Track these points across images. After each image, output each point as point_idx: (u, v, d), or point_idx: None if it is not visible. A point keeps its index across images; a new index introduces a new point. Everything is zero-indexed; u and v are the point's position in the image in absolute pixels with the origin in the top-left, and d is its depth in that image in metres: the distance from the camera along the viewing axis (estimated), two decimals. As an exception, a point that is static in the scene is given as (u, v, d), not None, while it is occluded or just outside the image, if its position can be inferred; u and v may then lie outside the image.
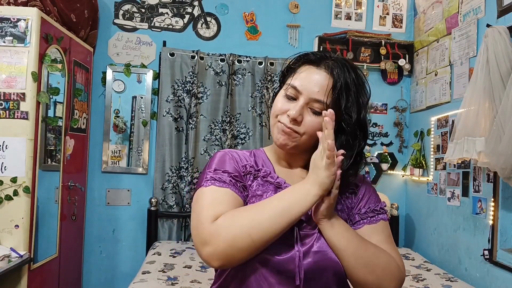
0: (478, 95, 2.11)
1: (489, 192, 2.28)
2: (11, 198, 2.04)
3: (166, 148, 3.01)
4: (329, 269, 0.87)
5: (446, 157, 2.39)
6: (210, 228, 0.81)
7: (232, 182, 0.90)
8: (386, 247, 0.91)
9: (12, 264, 1.92)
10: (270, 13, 3.22)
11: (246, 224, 0.80)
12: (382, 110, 3.32)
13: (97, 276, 3.04)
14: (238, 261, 0.81)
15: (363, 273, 0.86)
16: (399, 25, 3.33)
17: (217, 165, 0.92)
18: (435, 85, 2.89)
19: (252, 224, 0.80)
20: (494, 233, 2.23)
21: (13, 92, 2.07)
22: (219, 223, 0.81)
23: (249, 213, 0.82)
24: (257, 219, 0.80)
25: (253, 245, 0.79)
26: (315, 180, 0.82)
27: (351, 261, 0.86)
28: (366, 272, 0.86)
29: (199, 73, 3.05)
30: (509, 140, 1.90)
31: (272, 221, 0.80)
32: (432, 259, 2.80)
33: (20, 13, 2.10)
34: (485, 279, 2.31)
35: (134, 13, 3.10)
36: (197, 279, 2.21)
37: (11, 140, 2.06)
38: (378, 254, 0.88)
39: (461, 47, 2.59)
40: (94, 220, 3.02)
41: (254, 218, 0.80)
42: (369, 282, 0.86)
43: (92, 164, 3.00)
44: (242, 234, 0.79)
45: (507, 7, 2.21)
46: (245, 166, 0.94)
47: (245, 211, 0.83)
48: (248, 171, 0.94)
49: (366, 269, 0.86)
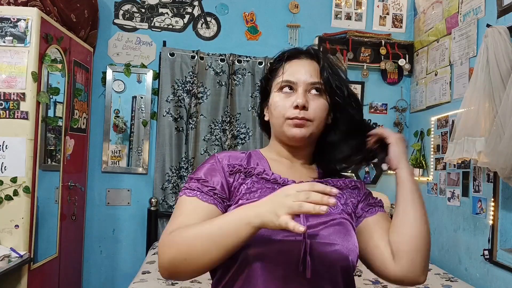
0: (478, 95, 2.11)
1: (489, 192, 2.28)
2: (11, 198, 2.04)
3: (166, 148, 3.01)
4: (336, 262, 0.86)
5: (446, 157, 2.38)
6: (163, 239, 0.83)
7: (216, 195, 0.89)
8: None
9: (12, 264, 1.92)
10: (270, 13, 3.22)
11: (185, 246, 0.79)
12: (382, 110, 3.32)
13: (97, 276, 3.04)
14: (183, 277, 0.84)
15: (422, 224, 0.90)
16: (399, 25, 3.33)
17: (205, 174, 0.92)
18: (435, 85, 2.89)
19: (189, 248, 0.78)
20: (494, 233, 2.23)
21: (13, 92, 2.07)
22: (169, 237, 0.82)
23: (193, 231, 0.80)
24: (194, 243, 0.78)
25: (190, 268, 0.80)
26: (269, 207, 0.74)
27: (418, 210, 0.92)
28: (423, 222, 0.91)
29: (199, 73, 3.05)
30: (509, 140, 1.90)
31: (205, 248, 0.77)
32: (432, 259, 2.80)
33: (20, 13, 2.10)
34: (485, 279, 2.31)
35: (134, 13, 3.10)
36: (197, 279, 2.21)
37: (11, 140, 2.06)
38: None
39: (461, 47, 2.59)
40: (94, 220, 3.02)
41: (192, 241, 0.79)
42: (423, 234, 0.89)
43: (92, 164, 3.00)
44: (179, 256, 0.79)
45: (507, 7, 2.21)
46: (233, 166, 0.94)
47: (192, 228, 0.80)
48: (237, 169, 0.93)
49: (424, 222, 0.91)
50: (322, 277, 0.85)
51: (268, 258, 0.83)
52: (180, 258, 0.79)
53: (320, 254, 0.84)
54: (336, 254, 0.86)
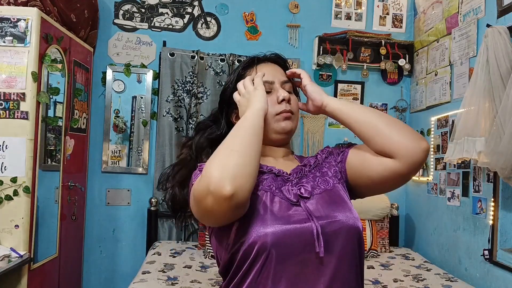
0: (478, 95, 2.11)
1: (489, 192, 2.28)
2: (11, 198, 2.04)
3: (166, 148, 3.01)
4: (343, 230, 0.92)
5: (446, 157, 2.38)
6: (198, 180, 0.86)
7: None
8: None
9: (12, 264, 1.92)
10: (270, 13, 3.22)
11: (223, 148, 0.86)
12: (382, 110, 3.32)
13: (97, 276, 3.04)
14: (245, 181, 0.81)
15: (397, 128, 0.96)
16: (399, 25, 3.33)
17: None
18: (435, 85, 2.89)
19: (229, 144, 0.86)
20: (494, 233, 2.23)
21: (13, 92, 2.07)
22: (203, 170, 0.85)
23: (222, 144, 0.88)
24: (231, 140, 0.88)
25: (237, 155, 0.82)
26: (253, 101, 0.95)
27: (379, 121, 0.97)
28: (398, 127, 0.96)
29: (199, 73, 3.05)
30: (509, 140, 1.90)
31: (243, 134, 0.88)
32: (432, 259, 2.80)
33: (20, 13, 2.10)
34: (485, 279, 2.31)
35: (134, 13, 3.10)
36: (197, 279, 2.21)
37: (11, 140, 2.06)
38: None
39: (461, 47, 2.59)
40: (94, 220, 3.02)
41: (228, 141, 0.87)
42: (407, 135, 0.95)
43: (92, 164, 3.00)
44: (224, 152, 0.84)
45: (507, 7, 2.21)
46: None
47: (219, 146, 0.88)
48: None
49: (397, 125, 0.97)
50: (334, 253, 0.90)
51: (283, 244, 0.87)
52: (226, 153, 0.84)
53: (328, 233, 0.90)
54: (342, 228, 0.92)
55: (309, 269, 0.88)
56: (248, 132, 0.88)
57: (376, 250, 2.80)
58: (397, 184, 1.00)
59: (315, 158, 1.08)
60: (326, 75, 3.25)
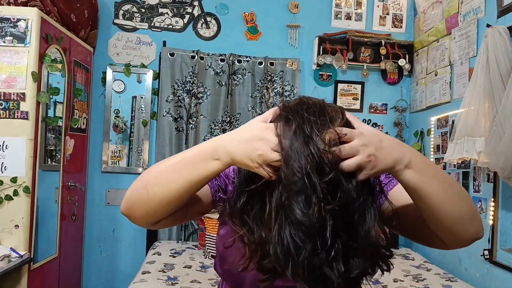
0: (478, 95, 2.11)
1: (489, 192, 2.28)
2: (11, 198, 2.04)
3: (166, 148, 3.01)
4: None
5: (446, 157, 2.39)
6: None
7: (217, 180, 0.86)
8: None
9: (12, 264, 1.92)
10: (270, 13, 3.22)
11: (148, 173, 0.76)
12: (382, 110, 3.32)
13: (97, 276, 3.04)
14: (137, 212, 0.76)
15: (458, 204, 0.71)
16: (399, 25, 3.33)
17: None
18: (435, 85, 2.89)
19: (152, 174, 0.75)
20: (494, 233, 2.23)
21: (13, 92, 2.07)
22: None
23: (161, 162, 0.77)
24: (158, 169, 0.75)
25: (147, 196, 0.74)
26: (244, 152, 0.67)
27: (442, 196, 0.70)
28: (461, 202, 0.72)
29: (199, 73, 3.05)
30: (509, 140, 1.90)
31: (168, 176, 0.73)
32: (432, 259, 2.80)
33: (20, 13, 2.10)
34: (485, 279, 2.31)
35: (134, 13, 3.10)
36: (197, 279, 2.21)
37: (11, 140, 2.06)
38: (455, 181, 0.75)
39: (461, 47, 2.59)
40: (94, 220, 3.02)
41: (156, 168, 0.76)
42: (463, 213, 0.71)
43: (92, 164, 3.00)
44: (140, 183, 0.76)
45: (507, 7, 2.21)
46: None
47: (162, 162, 0.77)
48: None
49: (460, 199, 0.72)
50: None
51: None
52: (140, 185, 0.75)
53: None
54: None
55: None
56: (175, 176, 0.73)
57: (376, 250, 2.80)
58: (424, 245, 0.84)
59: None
60: (326, 75, 3.25)
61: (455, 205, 0.71)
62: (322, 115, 0.68)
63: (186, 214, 0.82)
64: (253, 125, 0.70)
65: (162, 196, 0.73)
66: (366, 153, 0.64)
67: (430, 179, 0.69)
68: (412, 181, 0.68)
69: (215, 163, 0.70)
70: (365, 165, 0.65)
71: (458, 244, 0.76)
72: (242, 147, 0.67)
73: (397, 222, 0.78)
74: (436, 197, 0.69)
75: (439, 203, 0.69)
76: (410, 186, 0.69)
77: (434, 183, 0.69)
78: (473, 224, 0.74)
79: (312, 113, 0.68)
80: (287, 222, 0.64)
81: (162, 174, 0.74)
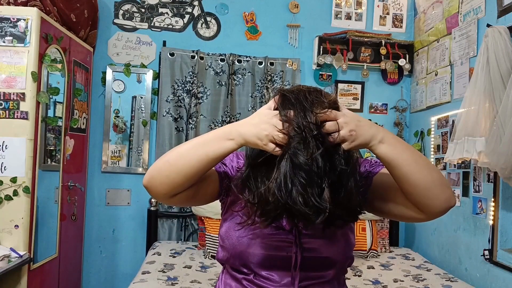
0: (478, 95, 2.11)
1: (489, 192, 2.28)
2: (11, 198, 2.04)
3: (166, 148, 3.00)
4: (327, 269, 0.98)
5: (446, 157, 2.38)
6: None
7: (223, 167, 1.01)
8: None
9: (12, 264, 1.92)
10: (270, 13, 3.22)
11: (171, 152, 0.89)
12: (382, 110, 3.32)
13: (97, 276, 3.03)
14: (158, 183, 0.88)
15: (427, 172, 0.85)
16: (399, 25, 3.33)
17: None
18: (435, 85, 2.88)
19: (175, 151, 0.89)
20: (494, 233, 2.23)
21: (13, 92, 2.07)
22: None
23: (182, 145, 0.91)
24: (179, 148, 0.89)
25: (168, 168, 0.86)
26: (247, 126, 0.85)
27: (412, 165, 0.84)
28: (429, 170, 0.85)
29: (199, 73, 3.05)
30: (509, 140, 1.90)
31: (189, 152, 0.87)
32: (432, 259, 2.80)
33: (20, 13, 2.10)
34: (485, 279, 2.30)
35: (134, 13, 3.10)
36: (197, 279, 2.21)
37: (11, 140, 2.06)
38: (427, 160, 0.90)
39: (461, 47, 2.59)
40: (94, 220, 3.01)
41: (178, 147, 0.90)
42: (433, 179, 0.85)
43: (92, 164, 3.00)
44: (163, 158, 0.89)
45: (507, 7, 2.21)
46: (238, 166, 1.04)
47: (182, 145, 0.91)
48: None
49: (428, 168, 0.85)
50: (313, 280, 0.97)
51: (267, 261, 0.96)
52: (162, 161, 0.88)
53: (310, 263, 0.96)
54: (327, 262, 0.97)
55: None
56: (194, 150, 0.88)
57: (376, 250, 2.80)
58: (408, 222, 0.99)
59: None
60: (326, 75, 3.25)
61: (425, 172, 0.85)
62: (315, 91, 0.88)
63: (197, 193, 0.94)
64: (261, 112, 0.86)
65: (181, 168, 0.86)
66: (348, 129, 0.81)
67: (401, 152, 0.85)
68: (386, 154, 0.84)
69: (230, 142, 0.86)
70: (348, 138, 0.81)
71: (432, 210, 0.87)
72: (252, 129, 0.83)
73: (381, 199, 0.95)
74: (408, 166, 0.84)
75: (411, 172, 0.84)
76: (386, 158, 0.85)
77: (405, 155, 0.85)
78: (444, 191, 0.86)
79: (307, 91, 0.87)
80: (291, 166, 0.80)
81: (184, 151, 0.88)
